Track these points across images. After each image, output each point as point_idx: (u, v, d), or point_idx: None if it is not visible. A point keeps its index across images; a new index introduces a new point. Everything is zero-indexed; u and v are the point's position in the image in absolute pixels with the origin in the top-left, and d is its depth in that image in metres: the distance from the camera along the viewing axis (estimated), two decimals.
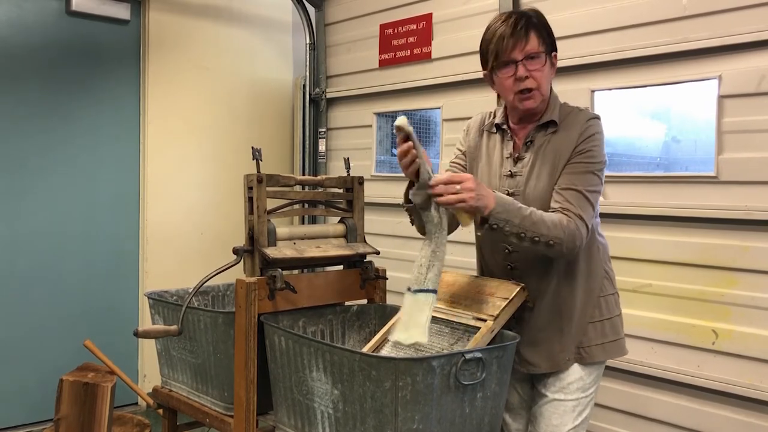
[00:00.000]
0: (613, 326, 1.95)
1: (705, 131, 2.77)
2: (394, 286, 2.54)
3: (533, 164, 1.88)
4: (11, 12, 3.77)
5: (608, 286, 1.96)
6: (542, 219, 1.74)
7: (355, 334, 2.27)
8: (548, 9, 3.17)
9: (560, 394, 1.92)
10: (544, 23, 1.88)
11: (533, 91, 1.84)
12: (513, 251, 1.92)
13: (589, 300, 1.91)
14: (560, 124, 1.88)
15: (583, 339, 1.91)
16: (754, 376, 2.56)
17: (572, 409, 1.91)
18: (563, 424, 1.91)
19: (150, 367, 4.18)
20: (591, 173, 1.82)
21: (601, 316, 1.92)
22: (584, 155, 1.82)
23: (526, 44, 1.81)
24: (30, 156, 3.83)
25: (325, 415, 1.76)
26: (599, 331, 1.92)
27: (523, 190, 1.88)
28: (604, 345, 1.92)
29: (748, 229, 2.58)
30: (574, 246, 1.77)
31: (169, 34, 4.28)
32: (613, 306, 1.96)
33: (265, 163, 2.11)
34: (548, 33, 1.88)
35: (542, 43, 1.84)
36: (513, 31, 1.81)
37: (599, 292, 1.93)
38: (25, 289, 3.82)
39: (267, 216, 2.06)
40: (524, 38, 1.81)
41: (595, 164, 1.83)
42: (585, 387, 1.93)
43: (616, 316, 1.96)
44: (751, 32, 2.54)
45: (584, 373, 1.92)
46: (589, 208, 1.80)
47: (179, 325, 2.03)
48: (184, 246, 4.33)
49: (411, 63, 3.92)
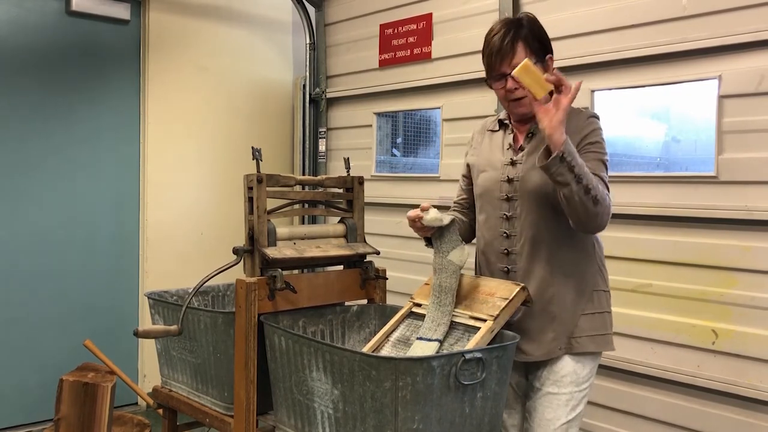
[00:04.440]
0: (604, 321, 1.99)
1: (705, 131, 2.78)
2: (394, 286, 2.54)
3: (533, 154, 1.93)
4: (11, 12, 3.77)
5: (601, 282, 2.00)
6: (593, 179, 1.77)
7: (355, 334, 2.27)
8: (548, 9, 3.18)
9: (554, 387, 1.95)
10: (535, 30, 1.94)
11: (524, 99, 1.91)
12: (510, 252, 1.98)
13: (583, 292, 1.95)
14: None
15: (574, 329, 1.94)
16: (754, 376, 2.56)
17: (565, 403, 1.94)
18: (557, 418, 1.94)
19: (150, 367, 4.18)
20: (601, 162, 1.89)
21: (594, 309, 1.97)
22: (593, 145, 1.90)
23: (512, 58, 1.89)
24: (30, 156, 3.83)
25: (325, 415, 1.76)
26: (590, 323, 1.96)
27: (522, 177, 1.94)
28: (594, 337, 1.96)
29: (748, 229, 2.58)
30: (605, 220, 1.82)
31: (169, 34, 4.28)
32: (605, 302, 2.01)
33: (265, 163, 2.11)
34: (539, 39, 1.94)
35: (531, 52, 1.90)
36: (501, 46, 1.90)
37: (593, 287, 1.98)
38: (25, 289, 3.82)
39: (267, 216, 2.06)
40: (510, 52, 1.89)
41: (602, 153, 1.91)
42: (578, 381, 1.95)
43: (606, 312, 2.01)
44: (751, 32, 2.54)
45: (577, 367, 1.95)
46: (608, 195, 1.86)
47: (179, 325, 2.03)
48: (184, 246, 4.33)
49: (411, 63, 3.93)
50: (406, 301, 2.08)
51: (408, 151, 4.44)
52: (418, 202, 1.98)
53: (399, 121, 4.38)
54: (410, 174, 4.19)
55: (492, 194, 2.01)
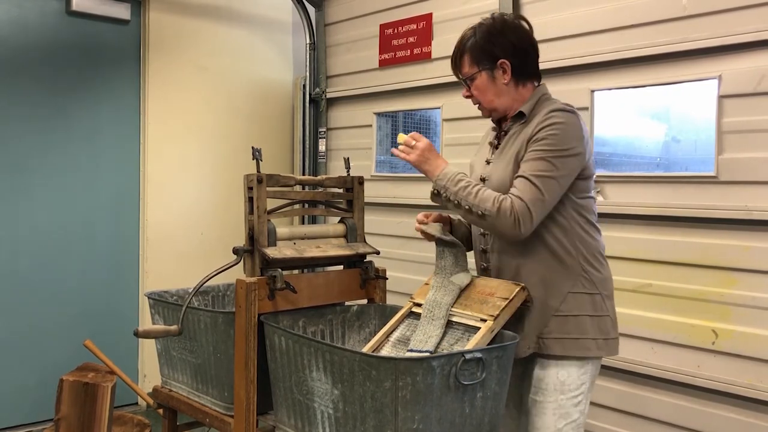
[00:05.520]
0: (579, 324, 1.89)
1: (705, 131, 2.77)
2: (394, 286, 2.54)
3: (502, 152, 2.00)
4: (11, 12, 3.77)
5: (586, 284, 1.91)
6: (477, 193, 1.86)
7: (355, 334, 2.27)
8: (548, 9, 3.19)
9: (539, 395, 1.92)
10: (484, 40, 1.97)
11: (479, 104, 2.04)
12: (485, 250, 2.03)
13: (554, 293, 1.89)
14: (529, 115, 1.96)
15: (543, 330, 1.90)
16: (754, 376, 2.56)
17: (552, 411, 1.89)
18: (544, 426, 1.90)
19: (150, 367, 4.18)
20: (542, 159, 1.84)
21: (568, 311, 1.89)
22: (538, 143, 1.86)
23: (461, 69, 2.03)
24: (30, 156, 3.83)
25: (325, 415, 1.76)
26: (560, 325, 1.89)
27: (490, 175, 2.00)
28: (562, 340, 1.88)
29: (748, 229, 2.58)
30: (509, 224, 1.81)
31: (169, 34, 4.28)
32: (586, 305, 1.91)
33: (265, 163, 2.11)
34: (487, 49, 1.96)
35: (476, 63, 1.98)
36: (451, 60, 2.04)
37: (569, 288, 1.90)
38: (25, 289, 3.82)
39: (267, 216, 2.06)
40: (457, 65, 2.03)
41: (547, 151, 1.84)
42: (564, 389, 1.89)
43: (586, 316, 1.90)
44: (751, 32, 2.54)
45: (561, 373, 1.89)
46: (533, 192, 1.81)
47: (179, 325, 2.03)
48: (184, 246, 4.33)
49: (411, 63, 3.93)
50: (406, 301, 2.08)
51: None
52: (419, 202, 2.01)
53: (399, 121, 4.38)
54: (410, 174, 4.19)
55: None
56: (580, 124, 1.89)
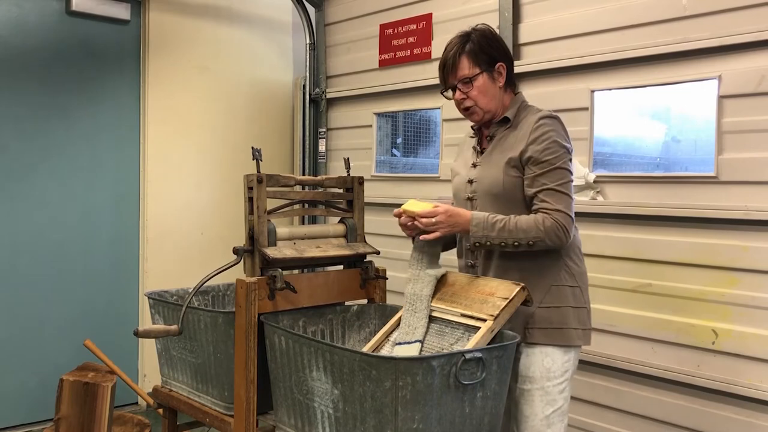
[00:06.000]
0: (562, 315, 2.01)
1: (705, 131, 2.77)
2: (394, 285, 2.54)
3: (489, 155, 2.09)
4: (11, 12, 3.77)
5: (566, 278, 2.03)
6: (517, 225, 1.93)
7: (355, 334, 2.27)
8: (548, 9, 3.19)
9: (526, 384, 2.00)
10: (483, 43, 2.05)
11: (472, 107, 2.09)
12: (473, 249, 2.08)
13: (538, 286, 2.00)
14: (513, 120, 2.07)
15: (529, 320, 2.00)
16: (754, 376, 2.56)
17: (540, 398, 1.98)
18: (534, 414, 1.99)
19: (150, 366, 4.18)
20: (556, 168, 1.97)
21: (551, 303, 2.00)
22: (543, 154, 1.97)
23: (457, 71, 2.06)
24: (30, 156, 3.83)
25: (325, 415, 1.76)
26: (544, 316, 2.00)
27: (478, 178, 2.08)
28: (546, 330, 1.99)
29: (748, 229, 2.58)
30: (559, 237, 1.93)
31: (169, 34, 4.28)
32: (568, 297, 2.02)
33: (265, 163, 2.11)
34: (487, 51, 2.05)
35: (475, 64, 2.05)
36: (446, 61, 2.08)
37: (553, 282, 2.01)
38: (25, 289, 3.82)
39: (267, 216, 2.06)
40: (454, 66, 2.06)
41: (556, 158, 1.97)
42: (549, 375, 1.99)
43: (570, 308, 2.02)
44: (751, 32, 2.54)
45: (546, 361, 1.99)
46: (564, 199, 1.96)
47: (179, 324, 2.04)
48: (184, 246, 4.33)
49: (411, 63, 3.93)
50: None
51: (408, 151, 4.44)
52: None
53: (399, 121, 4.38)
54: (410, 174, 4.20)
55: (459, 195, 2.17)
56: (564, 125, 2.05)
